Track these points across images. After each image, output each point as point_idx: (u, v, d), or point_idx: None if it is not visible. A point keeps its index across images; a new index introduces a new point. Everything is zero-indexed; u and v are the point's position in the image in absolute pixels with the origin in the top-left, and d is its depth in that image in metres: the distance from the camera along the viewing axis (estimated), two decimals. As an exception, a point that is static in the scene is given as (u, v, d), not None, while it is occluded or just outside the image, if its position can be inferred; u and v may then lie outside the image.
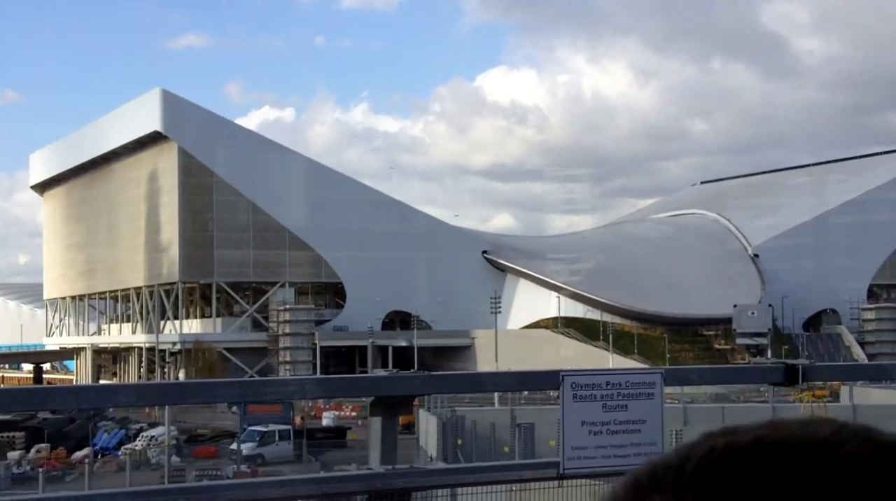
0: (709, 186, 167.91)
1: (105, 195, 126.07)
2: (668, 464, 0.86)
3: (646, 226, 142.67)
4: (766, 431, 0.87)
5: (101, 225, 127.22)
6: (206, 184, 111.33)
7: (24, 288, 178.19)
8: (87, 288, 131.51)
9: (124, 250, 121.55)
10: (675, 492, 0.83)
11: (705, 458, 0.85)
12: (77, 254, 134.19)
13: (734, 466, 0.84)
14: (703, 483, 0.83)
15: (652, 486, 0.85)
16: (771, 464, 0.83)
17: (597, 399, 6.77)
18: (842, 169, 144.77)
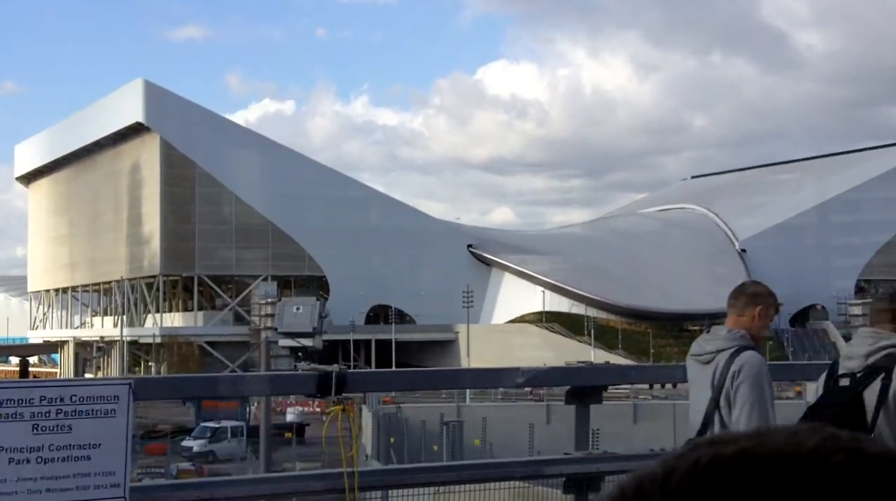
0: (699, 181, 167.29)
1: (88, 187, 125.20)
2: (654, 476, 0.85)
3: (633, 220, 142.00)
4: (752, 442, 0.85)
5: (84, 217, 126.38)
6: (189, 176, 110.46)
7: (13, 281, 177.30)
8: (71, 281, 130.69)
9: (107, 243, 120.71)
10: None
11: (690, 471, 0.84)
12: (61, 247, 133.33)
13: (718, 479, 0.82)
14: (687, 496, 0.81)
15: (637, 498, 0.84)
16: (755, 478, 0.81)
17: (25, 417, 5.18)
18: (833, 164, 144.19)
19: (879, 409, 5.37)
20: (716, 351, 5.94)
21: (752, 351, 5.88)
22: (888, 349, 5.47)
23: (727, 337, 5.95)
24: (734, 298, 6.09)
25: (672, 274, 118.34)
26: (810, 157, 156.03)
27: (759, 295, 6.09)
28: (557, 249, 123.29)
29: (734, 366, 5.78)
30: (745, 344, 5.90)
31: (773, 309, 6.15)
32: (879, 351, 5.47)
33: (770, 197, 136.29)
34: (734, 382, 5.76)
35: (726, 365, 5.81)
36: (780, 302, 6.12)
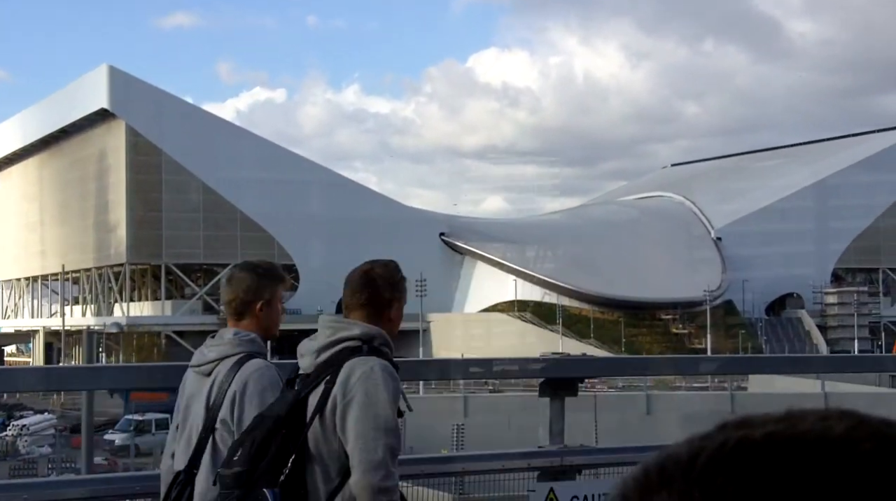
0: (678, 169, 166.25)
1: (57, 174, 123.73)
2: (679, 458, 0.82)
3: (609, 208, 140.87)
4: (780, 426, 0.82)
5: (54, 204, 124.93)
6: (155, 164, 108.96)
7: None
8: (41, 269, 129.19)
9: (75, 231, 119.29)
10: (684, 488, 0.79)
11: (716, 453, 0.80)
12: (31, 234, 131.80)
13: (745, 463, 0.79)
14: (712, 480, 0.78)
15: (661, 481, 0.81)
16: (783, 462, 0.78)
17: None
18: (813, 151, 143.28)
19: (313, 420, 4.23)
20: (218, 359, 4.71)
21: (259, 358, 4.71)
22: (346, 342, 4.31)
23: (232, 342, 4.74)
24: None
25: (646, 263, 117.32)
26: (791, 145, 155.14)
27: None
28: (531, 238, 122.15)
29: (237, 383, 4.58)
30: (252, 349, 4.74)
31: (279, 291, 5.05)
32: (335, 346, 4.32)
33: (748, 184, 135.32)
34: (237, 400, 4.57)
35: (226, 379, 4.62)
36: None
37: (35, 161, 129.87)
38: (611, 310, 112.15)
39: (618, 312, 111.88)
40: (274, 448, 4.18)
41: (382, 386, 4.20)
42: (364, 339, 4.31)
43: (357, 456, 4.13)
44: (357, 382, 4.20)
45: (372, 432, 4.14)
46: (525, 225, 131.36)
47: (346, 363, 4.25)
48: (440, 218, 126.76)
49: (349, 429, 4.16)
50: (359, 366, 4.23)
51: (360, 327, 4.35)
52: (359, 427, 4.15)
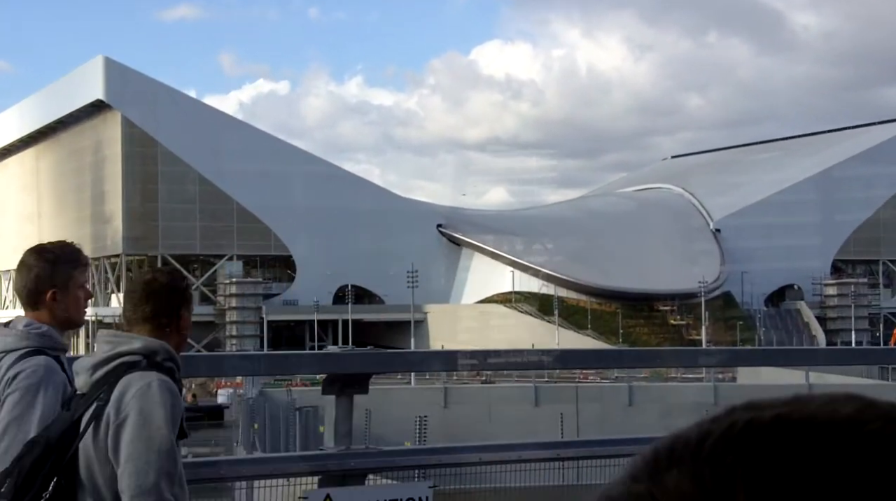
0: (678, 161, 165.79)
1: (54, 165, 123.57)
2: (688, 439, 0.83)
3: (609, 200, 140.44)
4: (788, 408, 0.83)
5: (51, 195, 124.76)
6: (151, 155, 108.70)
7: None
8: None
9: (72, 222, 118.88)
10: (694, 467, 0.80)
11: (725, 435, 0.81)
12: (29, 225, 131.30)
13: (754, 444, 0.80)
14: (721, 460, 0.79)
15: (670, 461, 0.81)
16: (791, 443, 0.79)
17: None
18: (813, 143, 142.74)
19: (81, 441, 3.80)
20: (3, 352, 4.24)
21: (43, 356, 4.20)
22: (125, 357, 3.86)
23: (20, 335, 4.25)
24: None
25: (645, 255, 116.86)
26: (790, 137, 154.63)
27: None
28: (529, 229, 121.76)
29: (10, 374, 4.14)
30: (41, 344, 4.24)
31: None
32: (112, 361, 3.87)
33: (748, 176, 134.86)
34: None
35: (4, 375, 4.17)
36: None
37: (32, 152, 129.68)
38: (609, 302, 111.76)
39: (616, 303, 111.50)
40: (41, 477, 3.77)
41: (160, 404, 3.78)
42: (145, 354, 3.87)
43: (126, 481, 3.71)
44: (132, 399, 3.78)
45: (145, 454, 3.72)
46: (523, 216, 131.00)
47: (122, 378, 3.83)
48: (438, 209, 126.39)
49: (121, 451, 3.75)
50: (135, 382, 3.81)
51: (142, 341, 3.92)
52: (131, 449, 3.73)
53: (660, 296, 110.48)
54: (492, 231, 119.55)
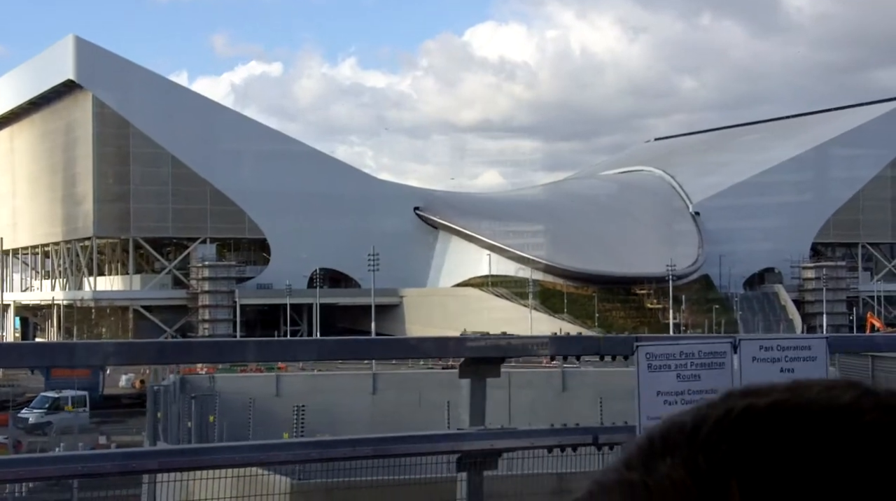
0: (661, 143, 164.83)
1: (27, 146, 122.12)
2: (684, 425, 0.82)
3: (589, 183, 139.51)
4: (786, 395, 0.83)
5: (24, 177, 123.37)
6: (123, 136, 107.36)
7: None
8: (12, 243, 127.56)
9: (46, 204, 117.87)
10: (688, 454, 0.79)
11: (721, 421, 0.81)
12: (3, 207, 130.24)
13: (749, 431, 0.79)
14: (716, 447, 0.79)
15: (665, 447, 0.81)
16: (787, 430, 0.79)
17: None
18: (796, 124, 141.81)
19: None
20: None
21: None
22: None
23: None
24: None
25: (623, 238, 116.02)
26: (774, 118, 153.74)
27: None
28: (507, 213, 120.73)
29: None
30: None
31: None
32: None
33: (729, 158, 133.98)
34: None
35: None
36: None
37: (7, 132, 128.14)
38: (585, 285, 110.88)
39: (592, 287, 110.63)
40: None
41: None
42: None
43: None
44: None
45: None
46: (502, 200, 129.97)
47: None
48: (415, 192, 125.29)
49: None
50: None
51: None
52: None
53: (636, 280, 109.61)
54: (470, 214, 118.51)
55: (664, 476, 0.78)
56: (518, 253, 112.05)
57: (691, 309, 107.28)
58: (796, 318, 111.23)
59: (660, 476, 0.79)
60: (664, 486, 0.78)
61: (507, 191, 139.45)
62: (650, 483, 0.79)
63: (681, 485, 0.77)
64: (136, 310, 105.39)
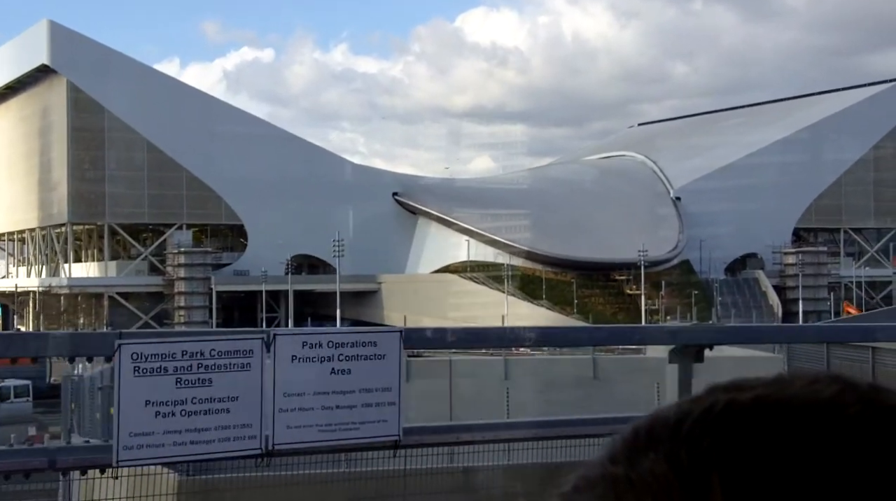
0: (645, 128, 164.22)
1: (4, 132, 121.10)
2: (667, 419, 0.83)
3: (571, 168, 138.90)
4: (769, 389, 0.83)
5: (1, 163, 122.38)
6: (98, 121, 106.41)
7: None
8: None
9: (22, 190, 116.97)
10: (670, 449, 0.79)
11: (704, 416, 0.81)
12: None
13: (732, 426, 0.79)
14: (698, 442, 0.79)
15: (648, 442, 0.81)
16: (769, 425, 0.79)
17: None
18: (781, 108, 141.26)
19: None
20: None
21: None
22: None
23: None
24: None
25: (604, 223, 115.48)
26: (758, 103, 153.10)
27: None
28: (487, 198, 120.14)
29: None
30: None
31: None
32: None
33: (712, 143, 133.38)
34: None
35: None
36: None
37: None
38: (564, 271, 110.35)
39: (572, 273, 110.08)
40: None
41: None
42: None
43: None
44: None
45: None
46: (482, 185, 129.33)
47: None
48: (394, 177, 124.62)
49: None
50: None
51: None
52: None
53: (616, 266, 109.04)
54: (449, 199, 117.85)
55: (647, 471, 0.79)
56: (496, 238, 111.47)
57: (670, 295, 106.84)
58: (776, 304, 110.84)
59: (643, 470, 0.79)
60: (647, 480, 0.78)
61: (487, 177, 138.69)
62: (633, 478, 0.79)
63: (663, 480, 0.78)
64: (111, 297, 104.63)
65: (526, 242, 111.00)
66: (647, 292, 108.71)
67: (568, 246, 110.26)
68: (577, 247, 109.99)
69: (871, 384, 0.84)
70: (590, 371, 30.96)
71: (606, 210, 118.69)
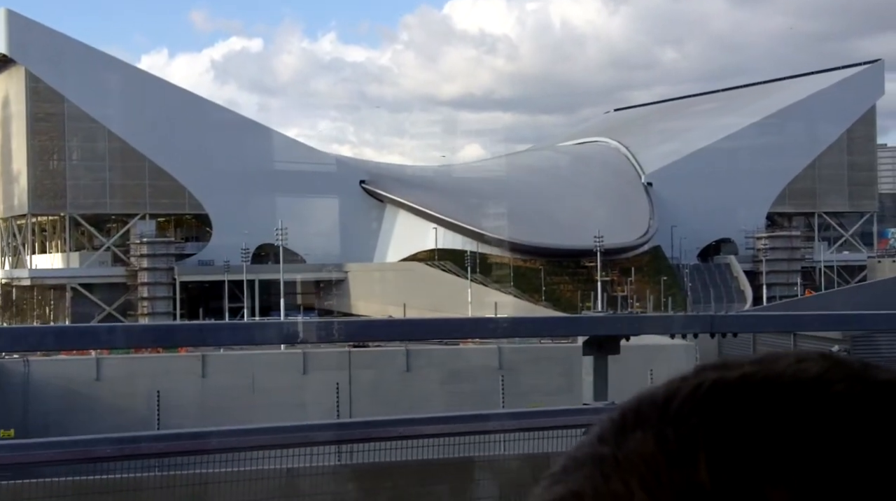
0: (620, 114, 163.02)
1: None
2: (655, 399, 0.82)
3: (543, 155, 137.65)
4: (756, 367, 0.83)
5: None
6: (58, 111, 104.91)
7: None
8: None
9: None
10: (657, 428, 0.79)
11: (691, 395, 0.81)
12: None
13: (718, 404, 0.79)
14: (685, 421, 0.79)
15: (636, 421, 0.81)
16: (755, 403, 0.79)
17: None
18: (750, 94, 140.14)
19: None
20: None
21: None
22: None
23: None
24: None
25: (574, 210, 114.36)
26: (734, 87, 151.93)
27: None
28: (456, 185, 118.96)
29: None
30: None
31: None
32: None
33: (685, 128, 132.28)
34: None
35: None
36: None
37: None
38: (533, 258, 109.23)
39: (540, 260, 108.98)
40: None
41: None
42: None
43: None
44: None
45: None
46: (451, 172, 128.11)
47: None
48: (362, 165, 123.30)
49: None
50: None
51: None
52: None
53: (585, 252, 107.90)
54: (416, 187, 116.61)
55: (634, 450, 0.79)
56: (464, 225, 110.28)
57: (640, 282, 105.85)
58: (747, 290, 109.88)
59: (630, 449, 0.79)
60: (634, 460, 0.78)
61: (457, 164, 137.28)
62: (620, 457, 0.79)
63: (650, 459, 0.78)
64: (74, 289, 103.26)
65: (494, 230, 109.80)
66: (616, 278, 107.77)
67: (536, 233, 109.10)
68: (545, 234, 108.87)
69: (861, 361, 0.83)
70: (495, 361, 29.84)
71: (577, 196, 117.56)
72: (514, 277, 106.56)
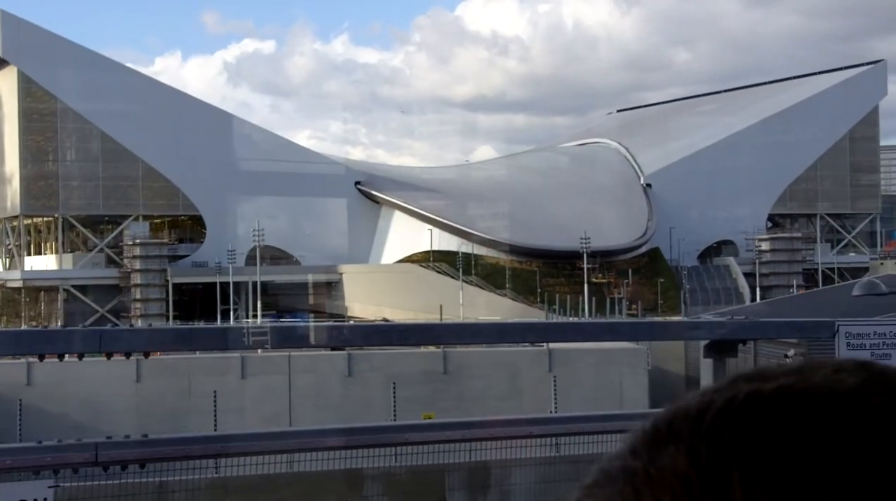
0: (622, 115, 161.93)
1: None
2: (688, 412, 0.80)
3: (543, 156, 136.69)
4: (792, 379, 0.80)
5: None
6: (51, 111, 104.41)
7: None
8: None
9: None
10: (690, 443, 0.77)
11: (725, 408, 0.78)
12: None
13: (752, 419, 0.77)
14: (719, 436, 0.76)
15: (669, 435, 0.79)
16: (791, 418, 0.76)
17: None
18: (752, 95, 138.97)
19: None
20: None
21: None
22: None
23: None
24: None
25: (571, 211, 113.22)
26: (736, 88, 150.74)
27: None
28: (453, 187, 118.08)
29: None
30: None
31: None
32: None
33: (687, 129, 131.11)
34: None
35: None
36: None
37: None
38: (529, 260, 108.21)
39: (536, 262, 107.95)
40: None
41: None
42: None
43: None
44: None
45: None
46: (448, 174, 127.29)
47: None
48: (358, 166, 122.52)
49: None
50: None
51: None
52: None
53: (579, 254, 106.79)
54: (412, 188, 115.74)
55: (666, 466, 0.76)
56: (460, 227, 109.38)
57: (637, 283, 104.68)
58: (746, 291, 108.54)
59: (662, 465, 0.77)
60: (666, 476, 0.76)
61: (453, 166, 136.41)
62: (652, 473, 0.77)
63: (683, 476, 0.75)
64: (67, 291, 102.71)
65: (490, 231, 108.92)
66: (612, 280, 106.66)
67: (532, 235, 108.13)
68: (541, 236, 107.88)
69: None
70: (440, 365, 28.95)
71: (575, 198, 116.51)
72: (509, 279, 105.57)
